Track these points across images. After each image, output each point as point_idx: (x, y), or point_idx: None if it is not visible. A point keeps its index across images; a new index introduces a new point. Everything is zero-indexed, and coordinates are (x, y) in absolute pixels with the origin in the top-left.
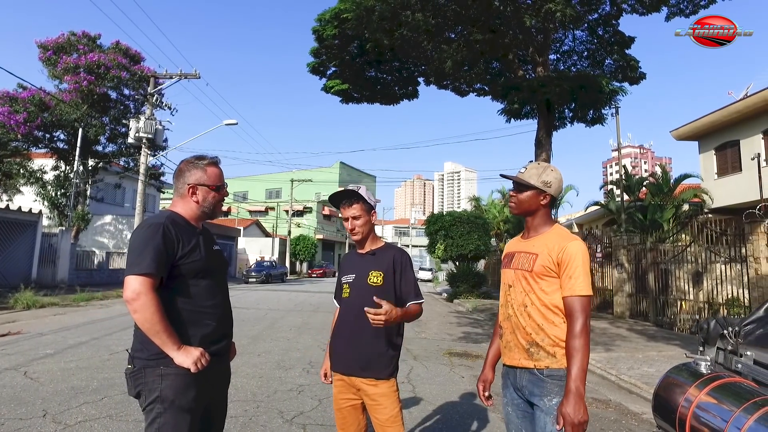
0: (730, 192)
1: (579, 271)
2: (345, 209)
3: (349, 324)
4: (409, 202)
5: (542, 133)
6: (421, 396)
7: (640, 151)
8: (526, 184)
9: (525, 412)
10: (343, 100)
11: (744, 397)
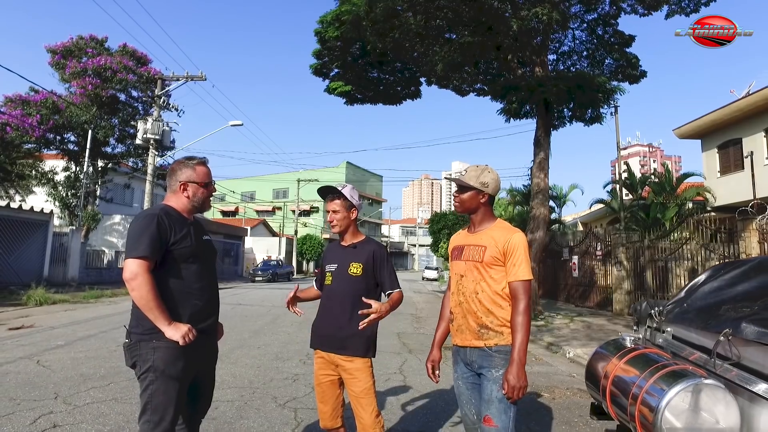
0: (733, 190)
1: (521, 259)
2: (327, 203)
3: (331, 308)
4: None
5: (541, 132)
6: (411, 385)
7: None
8: (466, 185)
9: (474, 384)
10: (347, 102)
11: (651, 364)
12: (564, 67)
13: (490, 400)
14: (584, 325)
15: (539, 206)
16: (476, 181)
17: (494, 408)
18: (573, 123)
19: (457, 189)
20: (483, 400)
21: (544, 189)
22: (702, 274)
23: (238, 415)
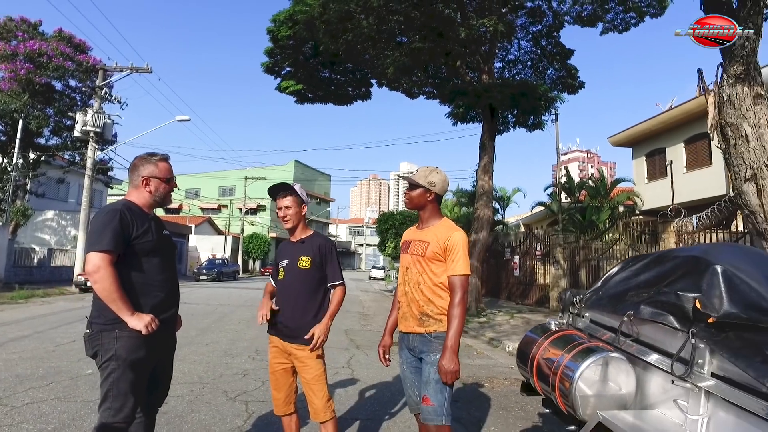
0: (658, 195)
1: (460, 255)
2: (279, 200)
3: (284, 301)
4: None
5: (486, 136)
6: (359, 378)
7: (587, 155)
8: (415, 183)
9: (416, 368)
10: (298, 100)
11: (569, 343)
12: (510, 74)
13: (428, 381)
14: (523, 321)
15: (483, 207)
16: (425, 180)
17: (431, 388)
18: (517, 128)
19: (407, 187)
20: (422, 382)
21: (488, 191)
22: (615, 267)
23: (189, 409)
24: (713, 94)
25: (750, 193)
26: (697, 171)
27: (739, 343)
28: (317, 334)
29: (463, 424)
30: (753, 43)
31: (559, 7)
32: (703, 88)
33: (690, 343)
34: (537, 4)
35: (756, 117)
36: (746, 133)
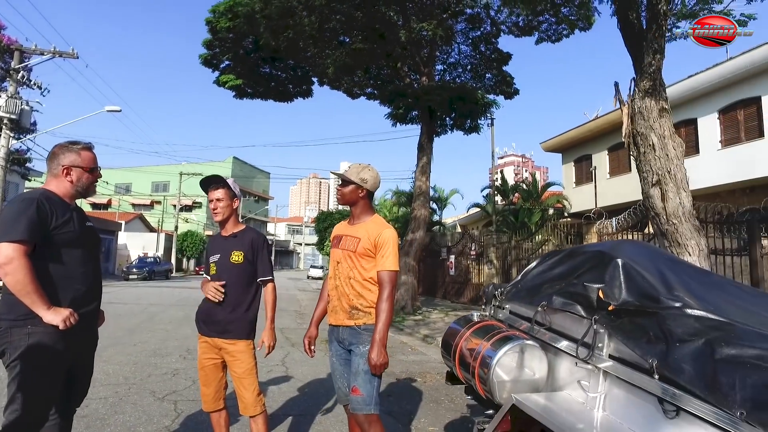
0: (584, 199)
1: (390, 251)
2: (211, 192)
3: None
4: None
5: (424, 138)
6: (293, 375)
7: (522, 159)
8: (347, 180)
9: (346, 360)
10: (237, 95)
11: (489, 332)
12: (450, 77)
13: (357, 372)
14: None
15: (420, 208)
16: (357, 177)
17: (360, 379)
18: (454, 131)
19: (340, 183)
20: (351, 373)
21: (425, 191)
22: (534, 262)
23: (112, 411)
24: (627, 105)
25: (655, 197)
26: (619, 177)
27: (631, 326)
28: (267, 342)
29: (394, 417)
30: (658, 61)
31: (497, 15)
32: (619, 100)
33: (592, 329)
34: (476, 11)
35: (661, 128)
36: (653, 143)
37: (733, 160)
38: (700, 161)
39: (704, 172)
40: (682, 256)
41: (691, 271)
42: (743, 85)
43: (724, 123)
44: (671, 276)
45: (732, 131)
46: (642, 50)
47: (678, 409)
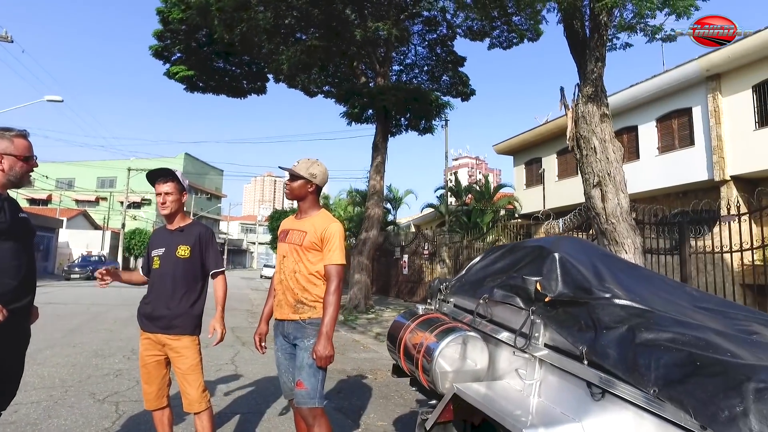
0: (533, 201)
1: (336, 245)
2: (159, 185)
3: (159, 290)
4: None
5: (379, 137)
6: (243, 374)
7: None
8: (296, 174)
9: (291, 354)
10: (188, 88)
11: (432, 324)
12: (407, 78)
13: (302, 366)
14: None
15: (374, 207)
16: (306, 172)
17: (305, 373)
18: (409, 131)
19: (289, 178)
20: (296, 367)
21: (379, 191)
22: (478, 257)
23: (45, 415)
24: (572, 110)
25: (596, 198)
26: (567, 180)
27: (565, 316)
28: (218, 328)
29: (343, 413)
30: (600, 69)
31: (453, 19)
32: (564, 105)
33: (530, 319)
34: (433, 14)
35: (602, 132)
36: (595, 146)
37: (669, 165)
38: (640, 166)
39: (644, 177)
40: (620, 253)
41: (622, 265)
42: (677, 97)
43: (661, 131)
44: (604, 269)
45: (668, 139)
46: (585, 58)
47: (604, 391)
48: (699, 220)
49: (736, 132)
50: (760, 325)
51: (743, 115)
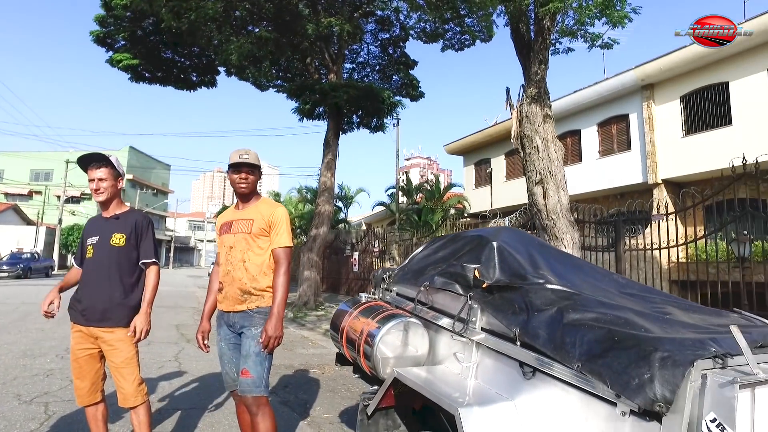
0: (482, 200)
1: (283, 229)
2: (92, 171)
3: (93, 281)
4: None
5: (331, 134)
6: (186, 371)
7: (427, 161)
8: (258, 165)
9: (235, 344)
10: (133, 78)
11: (374, 311)
12: (359, 76)
13: (248, 354)
14: None
15: (325, 203)
16: (259, 162)
17: (251, 361)
18: (360, 129)
19: (247, 170)
20: (242, 355)
21: (330, 188)
22: (420, 247)
23: None
24: (516, 110)
25: (538, 195)
26: (514, 180)
27: (500, 301)
28: (139, 327)
29: (289, 407)
30: (543, 71)
31: (406, 20)
32: (510, 105)
33: (468, 304)
34: (386, 14)
35: (545, 132)
36: (537, 145)
37: (608, 168)
38: (582, 168)
39: (586, 179)
40: (559, 248)
41: (556, 254)
42: (616, 103)
43: (602, 135)
44: (539, 258)
45: (607, 143)
46: (530, 60)
47: (534, 370)
48: (633, 219)
49: (666, 139)
50: (673, 307)
51: (673, 123)
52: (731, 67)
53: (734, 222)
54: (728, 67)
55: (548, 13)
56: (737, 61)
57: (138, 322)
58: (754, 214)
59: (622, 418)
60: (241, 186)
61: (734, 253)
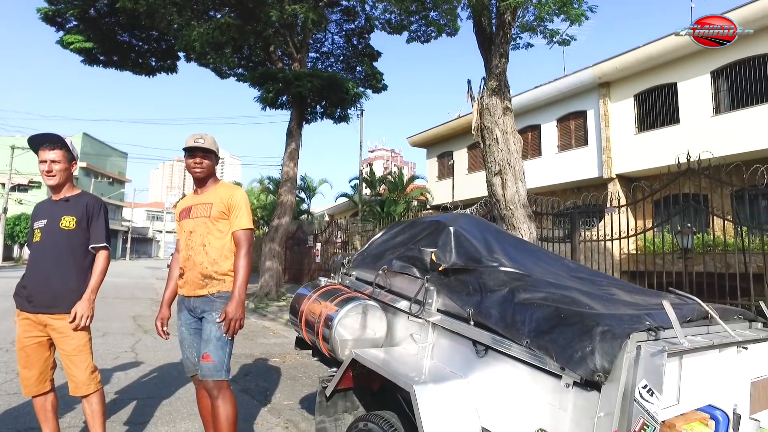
0: (444, 192)
1: (243, 211)
2: (45, 152)
3: (41, 266)
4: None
5: (294, 124)
6: (144, 361)
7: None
8: (212, 150)
9: (196, 329)
10: (86, 61)
11: (333, 294)
12: (323, 66)
13: (209, 339)
14: None
15: (287, 193)
16: (215, 147)
17: (212, 346)
18: (324, 119)
19: (201, 155)
20: (203, 340)
21: (292, 177)
22: (380, 232)
23: None
24: (477, 102)
25: (497, 185)
26: (476, 173)
27: (456, 283)
28: (80, 312)
29: (250, 394)
30: (503, 64)
31: (371, 11)
32: (471, 96)
33: (424, 287)
34: (352, 4)
35: (504, 125)
36: (497, 137)
37: (566, 163)
38: (542, 162)
39: (545, 172)
40: None
41: (510, 240)
42: (574, 100)
43: (560, 131)
44: (494, 243)
45: (566, 138)
46: (491, 53)
47: (487, 347)
48: (588, 212)
49: (620, 135)
50: (617, 289)
51: (626, 120)
52: (679, 68)
53: (679, 215)
54: (677, 68)
55: (509, 8)
56: (684, 63)
57: (79, 307)
58: (697, 207)
59: (566, 389)
60: (196, 170)
61: (678, 245)
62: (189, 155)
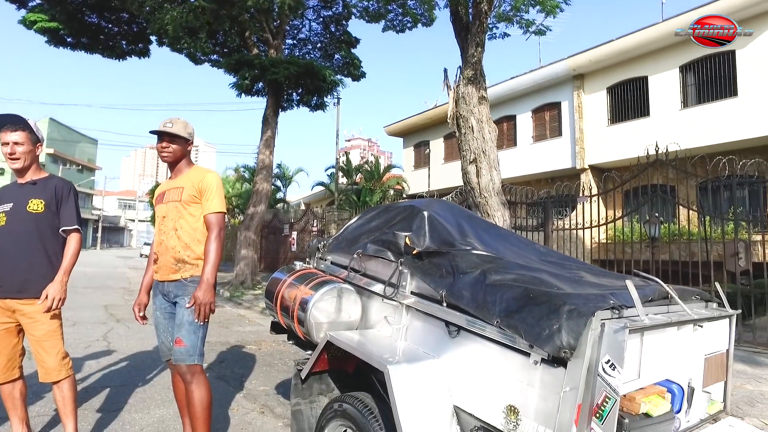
0: (421, 182)
1: (214, 194)
2: (6, 134)
3: (7, 250)
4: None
5: (270, 111)
6: (116, 349)
7: (368, 143)
8: (179, 135)
9: (170, 314)
10: (52, 42)
11: (308, 278)
12: (300, 53)
13: (182, 323)
14: None
15: (263, 181)
16: (185, 132)
17: (185, 330)
18: (300, 107)
19: (168, 140)
20: (176, 324)
21: (268, 165)
22: (355, 217)
23: None
24: (453, 90)
25: (472, 173)
26: (452, 163)
27: (429, 266)
28: (51, 295)
29: (225, 381)
30: (479, 53)
31: None
32: (447, 85)
33: (398, 270)
34: None
35: (479, 113)
36: (473, 125)
37: (541, 153)
38: (517, 153)
39: (520, 162)
40: None
41: (483, 225)
42: (549, 91)
43: (536, 121)
44: (467, 227)
45: (541, 129)
46: (467, 43)
47: (459, 328)
48: (561, 201)
49: (593, 126)
50: (585, 272)
51: (599, 112)
52: (650, 62)
53: (647, 205)
54: (648, 62)
55: None
56: (655, 57)
57: (51, 289)
58: (664, 197)
59: (534, 366)
60: (163, 155)
61: (646, 233)
62: (158, 140)
